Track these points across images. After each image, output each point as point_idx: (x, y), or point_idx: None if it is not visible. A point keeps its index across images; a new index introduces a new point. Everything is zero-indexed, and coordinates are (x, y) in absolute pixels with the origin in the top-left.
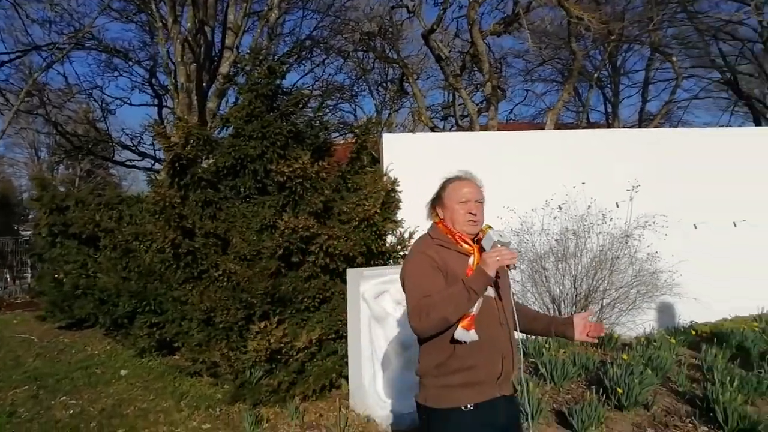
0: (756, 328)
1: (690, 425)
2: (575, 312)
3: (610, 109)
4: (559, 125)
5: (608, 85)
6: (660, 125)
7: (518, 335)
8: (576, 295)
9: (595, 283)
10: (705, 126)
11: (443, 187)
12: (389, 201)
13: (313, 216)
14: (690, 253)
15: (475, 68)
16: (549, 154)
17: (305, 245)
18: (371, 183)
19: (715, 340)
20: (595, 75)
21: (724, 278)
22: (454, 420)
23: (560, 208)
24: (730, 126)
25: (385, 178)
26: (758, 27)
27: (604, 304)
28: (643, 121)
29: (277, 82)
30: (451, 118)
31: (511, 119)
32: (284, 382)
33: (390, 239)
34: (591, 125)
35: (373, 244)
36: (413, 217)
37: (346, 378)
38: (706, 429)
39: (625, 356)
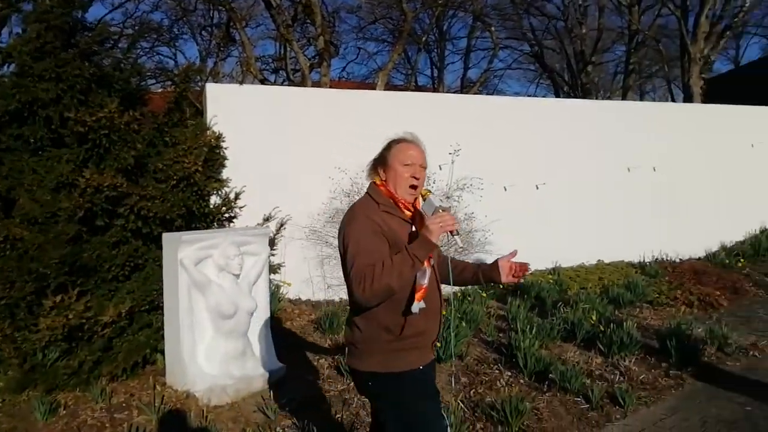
0: (550, 280)
1: (497, 371)
2: None
3: (436, 74)
4: (390, 87)
5: (435, 50)
6: (479, 92)
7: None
8: None
9: None
10: (516, 95)
11: (388, 147)
12: (213, 158)
13: (122, 173)
14: (501, 213)
15: (308, 20)
16: (382, 115)
17: (112, 207)
18: (192, 137)
19: (518, 292)
20: (424, 38)
21: (527, 236)
22: (408, 380)
23: None
24: (536, 96)
25: (208, 133)
26: (561, 5)
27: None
28: (465, 87)
29: (76, 13)
30: (282, 71)
31: (343, 77)
32: (87, 362)
33: (214, 200)
34: (419, 88)
35: (195, 206)
36: (241, 176)
37: (162, 352)
38: (509, 373)
39: (443, 312)
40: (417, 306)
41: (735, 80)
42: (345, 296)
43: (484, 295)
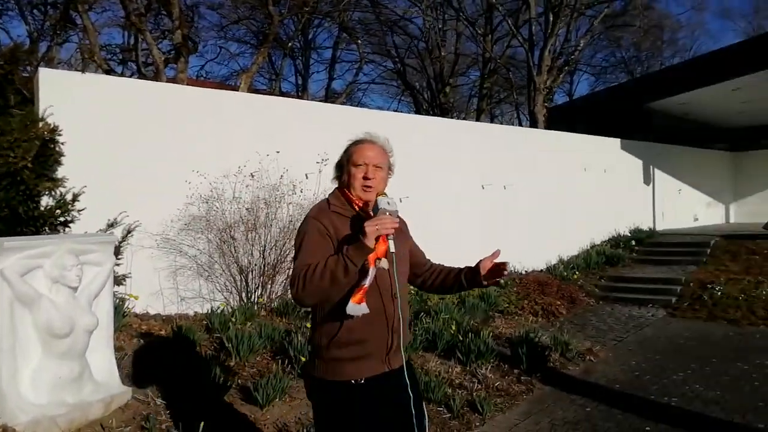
0: (411, 291)
1: None
2: (263, 282)
3: (300, 81)
4: (253, 91)
5: (300, 58)
6: (344, 103)
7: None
8: (264, 266)
9: (283, 253)
10: (379, 109)
11: (345, 150)
12: (46, 153)
13: None
14: None
15: (164, 11)
16: (244, 119)
17: None
18: (20, 129)
19: None
20: (289, 44)
21: None
22: (344, 394)
23: (253, 176)
24: (398, 111)
25: (41, 124)
26: (423, 27)
27: (289, 274)
28: (329, 97)
29: None
30: (131, 63)
31: (201, 76)
32: None
33: (46, 201)
34: (283, 94)
35: (21, 207)
36: (80, 176)
37: None
38: None
39: (308, 324)
40: (354, 307)
41: (569, 111)
42: (200, 310)
43: None
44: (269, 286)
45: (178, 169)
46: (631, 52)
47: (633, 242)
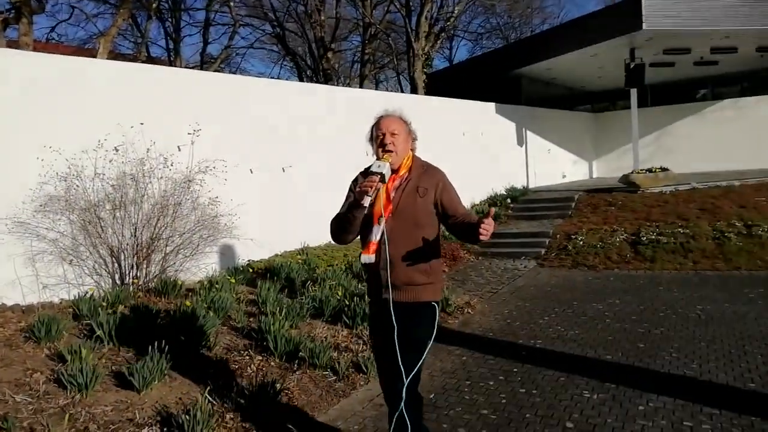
0: (300, 260)
1: (248, 357)
2: (137, 262)
3: (172, 46)
4: (116, 55)
5: (169, 20)
6: (220, 69)
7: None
8: (137, 245)
9: (157, 230)
10: (260, 75)
11: (371, 126)
12: None
13: None
14: (247, 196)
15: None
16: (103, 88)
17: None
18: None
19: (268, 275)
20: (154, 5)
21: (276, 218)
22: (370, 309)
23: (117, 151)
24: (280, 78)
25: None
26: None
27: (167, 251)
28: (205, 63)
29: None
30: None
31: (53, 39)
32: None
33: None
34: (151, 60)
35: None
36: None
37: None
38: (260, 358)
39: (188, 302)
40: (363, 257)
41: (449, 76)
42: (66, 296)
43: (233, 281)
44: (145, 266)
45: (26, 145)
46: (505, 18)
47: (509, 200)
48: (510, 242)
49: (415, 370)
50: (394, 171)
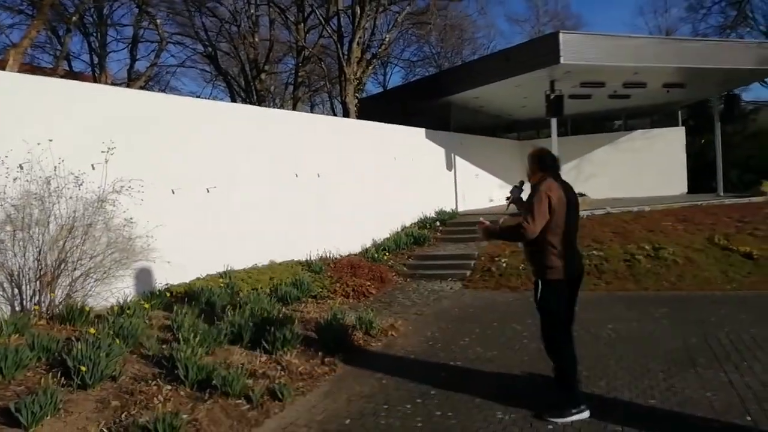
0: (222, 284)
1: (155, 387)
2: (40, 288)
3: (96, 60)
4: (32, 68)
5: (94, 34)
6: (147, 87)
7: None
8: (40, 269)
9: (65, 254)
10: (190, 94)
11: None
12: None
13: None
14: (167, 218)
15: None
16: (7, 102)
17: None
18: None
19: (187, 299)
20: (73, 17)
21: (198, 240)
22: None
23: (21, 168)
24: (213, 98)
25: None
26: (234, 10)
27: (75, 275)
28: (132, 79)
29: None
30: None
31: None
32: None
33: None
34: (73, 75)
35: None
36: None
37: None
38: (170, 387)
39: (92, 330)
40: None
41: (381, 101)
42: None
43: (147, 306)
44: (48, 291)
45: None
46: (437, 48)
47: (438, 223)
48: (438, 264)
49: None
50: None
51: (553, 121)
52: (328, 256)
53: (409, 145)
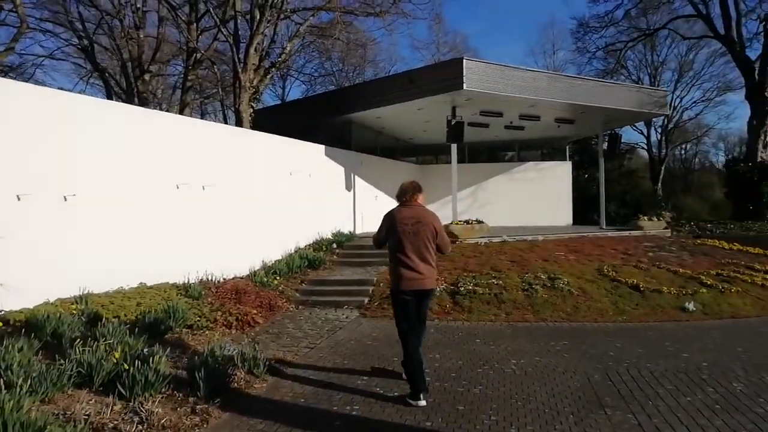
0: (75, 310)
1: None
2: None
3: None
4: None
5: None
6: (6, 77)
7: None
8: None
9: None
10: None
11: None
12: None
13: None
14: (10, 228)
15: None
16: None
17: None
18: None
19: (24, 330)
20: None
21: (51, 256)
22: None
23: None
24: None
25: None
26: (117, 3)
27: None
28: None
29: None
30: None
31: None
32: None
33: None
34: None
35: None
36: None
37: None
38: None
39: None
40: None
41: (279, 114)
42: None
43: None
44: None
45: None
46: (339, 65)
47: (335, 245)
48: (333, 290)
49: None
50: None
51: (453, 147)
52: (210, 279)
53: (307, 161)
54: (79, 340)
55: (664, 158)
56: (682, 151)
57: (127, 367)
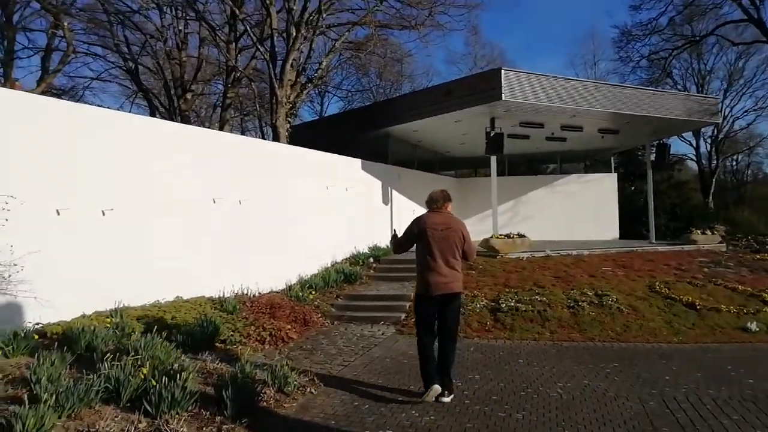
0: (109, 323)
1: None
2: None
3: (1, 68)
4: None
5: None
6: (58, 97)
7: None
8: None
9: None
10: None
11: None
12: None
13: None
14: (45, 243)
15: None
16: None
17: None
18: None
19: (57, 343)
20: None
21: (86, 270)
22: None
23: None
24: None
25: None
26: (160, 25)
27: None
28: (44, 91)
29: None
30: None
31: None
32: None
33: None
34: None
35: None
36: None
37: None
38: None
39: None
40: None
41: (316, 129)
42: None
43: (8, 348)
44: None
45: None
46: (376, 81)
47: (371, 259)
48: (369, 305)
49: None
50: None
51: (493, 159)
52: (245, 293)
53: (344, 175)
54: (109, 354)
55: (715, 170)
56: (734, 163)
57: (155, 384)
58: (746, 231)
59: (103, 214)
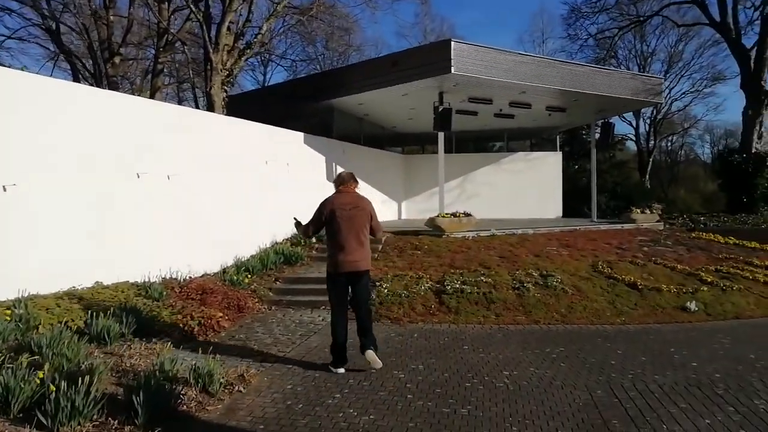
0: (8, 315)
1: None
2: None
3: None
4: None
5: None
6: None
7: None
8: None
9: None
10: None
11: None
12: None
13: None
14: None
15: None
16: None
17: None
18: None
19: None
20: None
21: None
22: None
23: None
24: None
25: None
26: None
27: None
28: None
29: None
30: None
31: None
32: None
33: None
34: None
35: None
36: None
37: None
38: None
39: None
40: None
41: (255, 99)
42: None
43: None
44: None
45: None
46: (322, 51)
47: (314, 239)
48: (310, 288)
49: None
50: None
51: (440, 136)
52: (175, 276)
53: (285, 149)
54: (4, 353)
55: (652, 150)
56: (669, 143)
57: (55, 389)
58: (681, 209)
59: (4, 189)
